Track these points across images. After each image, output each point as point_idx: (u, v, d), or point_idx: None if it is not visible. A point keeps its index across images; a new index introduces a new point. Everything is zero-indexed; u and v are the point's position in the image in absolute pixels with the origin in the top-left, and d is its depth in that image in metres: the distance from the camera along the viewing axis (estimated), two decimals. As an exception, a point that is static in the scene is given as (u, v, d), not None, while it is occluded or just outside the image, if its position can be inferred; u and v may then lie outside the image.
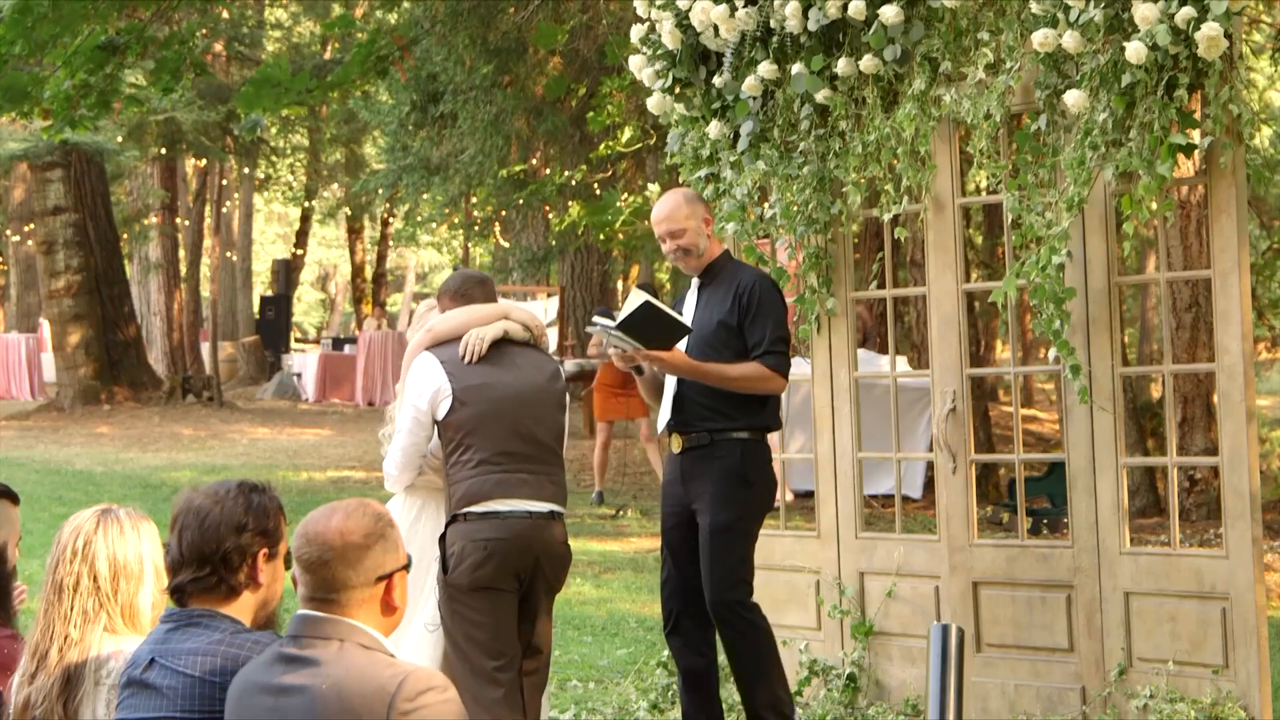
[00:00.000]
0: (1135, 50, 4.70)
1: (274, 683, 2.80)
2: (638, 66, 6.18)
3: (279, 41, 26.63)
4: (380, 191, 22.79)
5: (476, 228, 23.43)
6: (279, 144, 28.58)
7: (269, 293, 33.17)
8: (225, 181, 27.89)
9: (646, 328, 4.80)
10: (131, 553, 3.26)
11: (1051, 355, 5.31)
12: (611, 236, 14.46)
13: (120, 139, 19.94)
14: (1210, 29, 4.61)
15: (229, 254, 31.92)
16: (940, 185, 5.60)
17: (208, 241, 27.55)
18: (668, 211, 5.15)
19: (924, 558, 5.70)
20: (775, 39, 5.72)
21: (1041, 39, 4.97)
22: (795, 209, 5.80)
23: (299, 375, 24.70)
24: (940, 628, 2.98)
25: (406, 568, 2.94)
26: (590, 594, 8.74)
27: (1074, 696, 5.30)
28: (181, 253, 25.09)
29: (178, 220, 24.65)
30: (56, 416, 19.59)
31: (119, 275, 21.14)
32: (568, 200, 14.89)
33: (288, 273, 33.15)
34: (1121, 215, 5.26)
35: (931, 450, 5.74)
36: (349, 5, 21.42)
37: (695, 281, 5.22)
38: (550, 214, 16.02)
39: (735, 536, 4.94)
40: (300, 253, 37.41)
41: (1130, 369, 7.38)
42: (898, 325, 8.32)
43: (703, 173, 6.05)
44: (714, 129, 5.94)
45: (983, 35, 5.31)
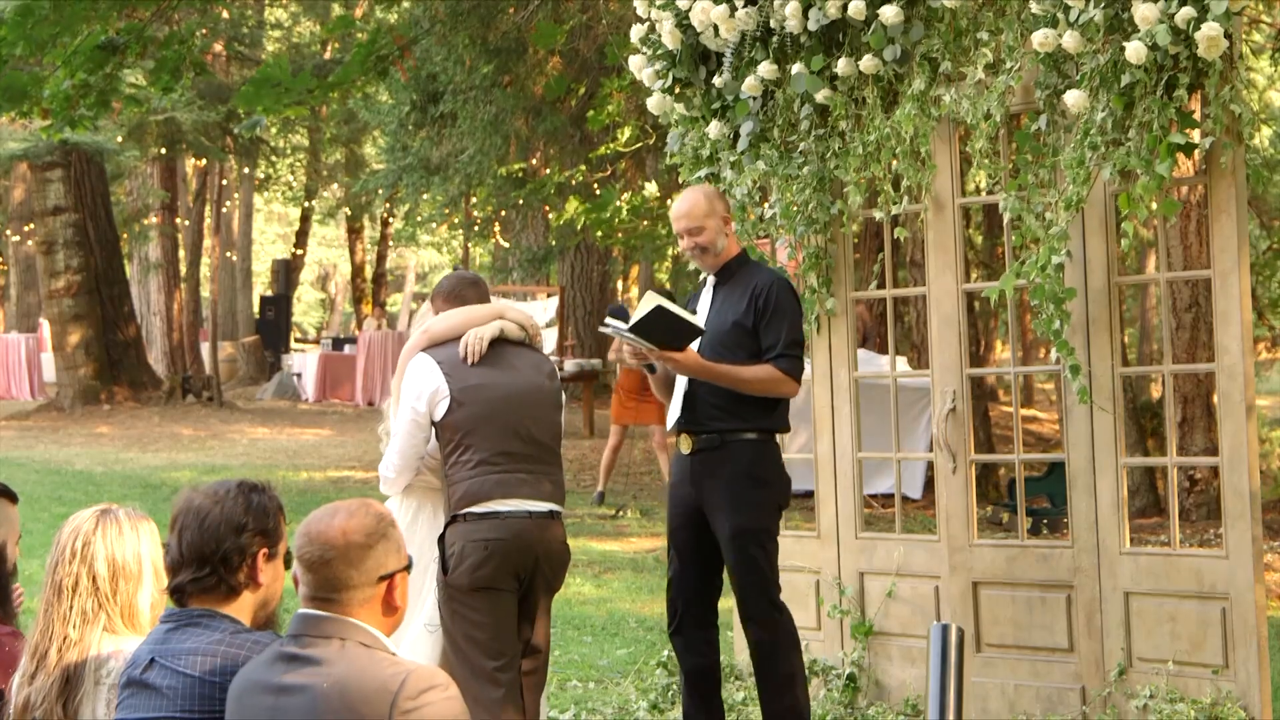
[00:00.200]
0: (1135, 50, 4.70)
1: (275, 681, 2.80)
2: (638, 66, 6.18)
3: (279, 41, 26.63)
4: (380, 191, 22.80)
5: (476, 228, 23.43)
6: (279, 144, 28.58)
7: (269, 293, 33.17)
8: (225, 181, 27.89)
9: (659, 329, 4.79)
10: (130, 553, 3.25)
11: (1053, 356, 5.31)
12: (610, 234, 14.45)
13: (120, 139, 19.93)
14: (1210, 29, 4.62)
15: (229, 254, 31.92)
16: (940, 185, 5.60)
17: (208, 241, 27.55)
18: (687, 208, 5.09)
19: (924, 558, 5.70)
20: (775, 39, 5.72)
21: (1041, 39, 4.97)
22: (795, 209, 5.80)
23: (299, 375, 24.69)
24: (940, 628, 2.98)
25: (408, 568, 2.94)
26: (590, 594, 8.74)
27: (1074, 696, 5.30)
28: (181, 253, 25.09)
29: (178, 220, 24.65)
30: (56, 416, 19.59)
31: (119, 275, 21.14)
32: (567, 199, 14.89)
33: (288, 273, 33.15)
34: (1121, 215, 5.26)
35: (931, 450, 5.74)
36: (349, 5, 21.43)
37: (711, 279, 5.17)
38: (550, 213, 16.02)
39: (756, 538, 4.90)
40: (300, 253, 37.41)
41: (1130, 369, 7.38)
42: (898, 325, 8.32)
43: (703, 173, 6.05)
44: (714, 129, 5.94)
45: (982, 35, 5.31)
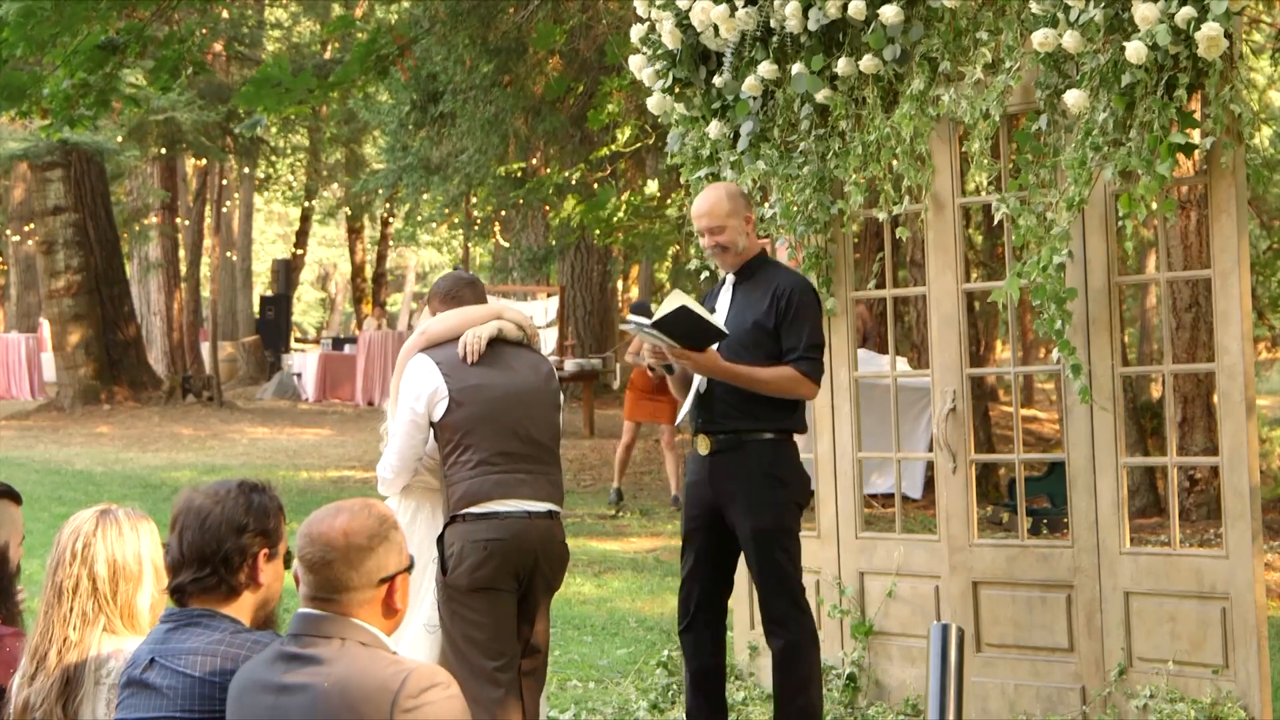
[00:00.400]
0: (1135, 50, 4.70)
1: (275, 681, 2.80)
2: (638, 66, 6.18)
3: (279, 41, 26.62)
4: (380, 191, 22.79)
5: (476, 227, 23.43)
6: (279, 144, 28.57)
7: (269, 293, 33.17)
8: (225, 181, 27.90)
9: (681, 328, 4.79)
10: (130, 553, 3.25)
11: (1054, 355, 5.31)
12: (609, 232, 14.43)
13: (120, 139, 19.93)
14: (1210, 29, 4.62)
15: (229, 254, 31.92)
16: (940, 185, 5.60)
17: (208, 241, 27.55)
18: (708, 207, 5.06)
19: (924, 558, 5.70)
20: (775, 39, 5.72)
21: (1041, 39, 4.97)
22: (795, 209, 5.80)
23: (299, 375, 24.69)
24: (940, 628, 2.98)
25: (409, 569, 2.94)
26: (590, 594, 8.74)
27: (1074, 696, 5.30)
28: (181, 253, 25.09)
29: (178, 220, 24.65)
30: (56, 416, 19.59)
31: (119, 275, 21.14)
32: (566, 198, 14.88)
33: (288, 273, 33.16)
34: (1122, 215, 5.25)
35: (931, 450, 5.74)
36: (349, 5, 21.42)
37: (730, 278, 5.15)
38: (550, 213, 16.02)
39: (778, 539, 4.90)
40: (300, 253, 37.40)
41: (1130, 369, 7.37)
42: (898, 325, 8.31)
43: (703, 173, 6.05)
44: (714, 129, 5.94)
45: (982, 35, 5.31)
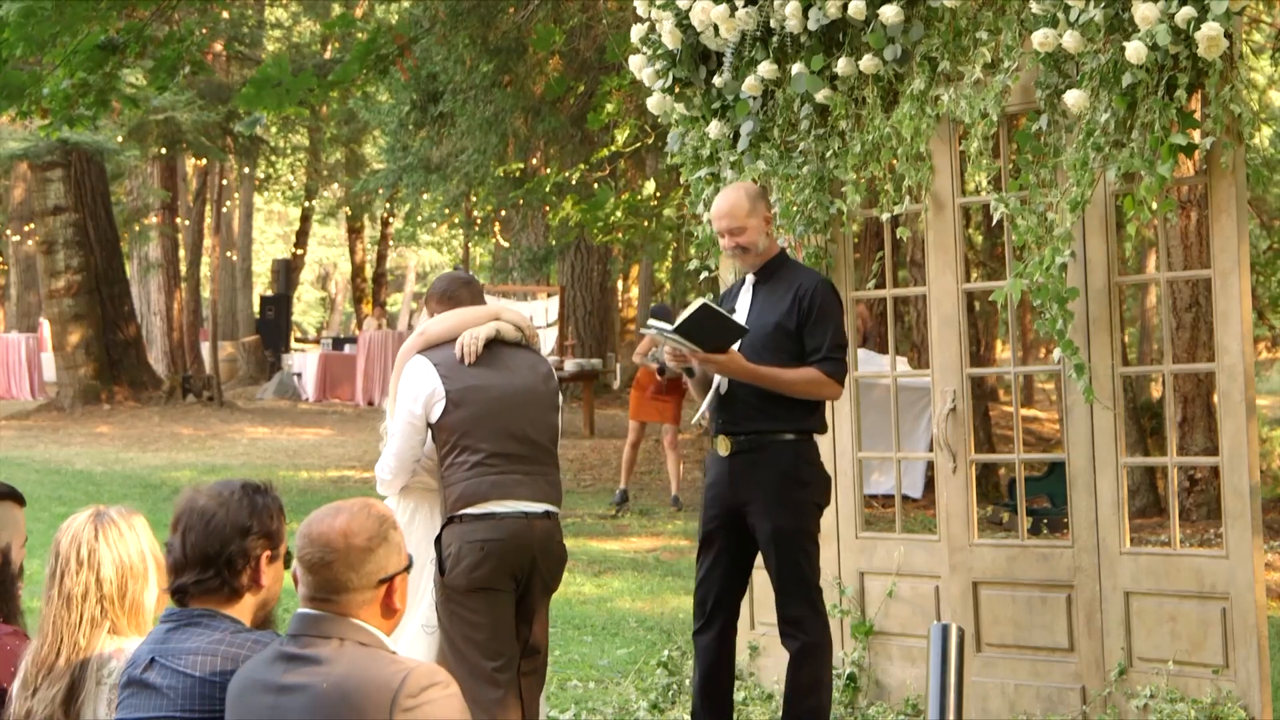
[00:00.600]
0: (1135, 50, 4.70)
1: (275, 681, 2.80)
2: (638, 66, 6.18)
3: (279, 41, 26.63)
4: (380, 191, 22.79)
5: (476, 228, 23.43)
6: (279, 144, 28.57)
7: (269, 292, 33.16)
8: (225, 181, 27.90)
9: (703, 330, 4.79)
10: (134, 551, 3.26)
11: (1055, 355, 5.31)
12: (607, 230, 14.41)
13: (120, 139, 19.93)
14: (1210, 29, 4.62)
15: (229, 254, 31.92)
16: (940, 185, 5.60)
17: (208, 241, 27.55)
18: (728, 208, 5.04)
19: (924, 558, 5.70)
20: (775, 39, 5.72)
21: (1041, 39, 4.97)
22: (795, 209, 5.80)
23: (299, 375, 24.69)
24: (940, 628, 2.98)
25: (408, 569, 2.94)
26: (590, 594, 8.74)
27: (1074, 696, 5.30)
28: (181, 253, 25.08)
29: (178, 220, 24.65)
30: (56, 416, 19.59)
31: (119, 275, 21.14)
32: (565, 198, 14.87)
33: (288, 272, 33.15)
34: (1123, 215, 5.26)
35: (931, 450, 5.74)
36: (349, 5, 21.42)
37: (750, 278, 5.13)
38: (549, 212, 16.02)
39: (797, 540, 4.90)
40: (300, 252, 37.39)
41: (1130, 369, 7.38)
42: (898, 325, 8.31)
43: (703, 172, 6.05)
44: (714, 129, 5.94)
45: (982, 35, 5.31)
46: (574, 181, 14.28)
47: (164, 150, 21.67)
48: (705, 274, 6.39)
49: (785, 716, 4.96)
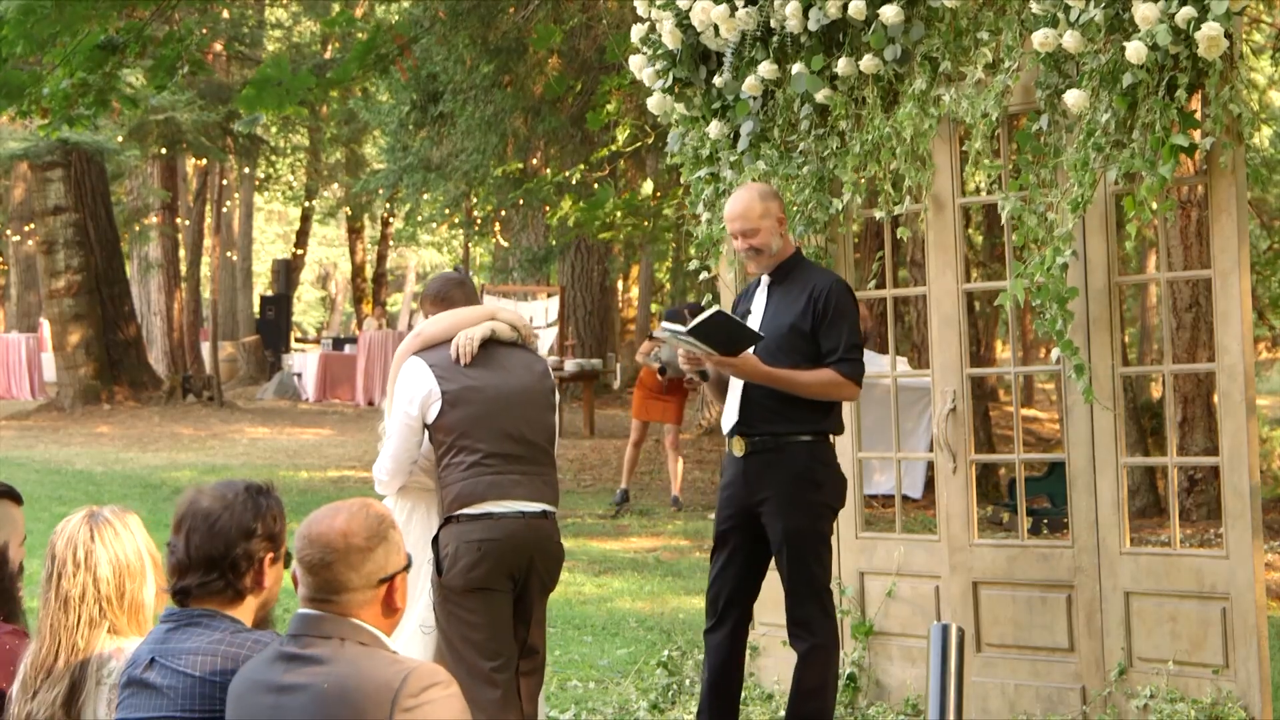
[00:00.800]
0: (1135, 50, 4.70)
1: (276, 681, 2.80)
2: (638, 66, 6.18)
3: (279, 41, 26.62)
4: (380, 191, 22.78)
5: (476, 228, 23.42)
6: (279, 144, 28.56)
7: (269, 292, 33.15)
8: (225, 181, 27.89)
9: (717, 334, 4.79)
10: (131, 550, 3.26)
11: (1054, 355, 5.31)
12: (607, 228, 14.40)
13: (120, 139, 19.93)
14: (1210, 29, 4.62)
15: (229, 254, 31.92)
16: (940, 185, 5.60)
17: (208, 241, 27.55)
18: (741, 209, 5.02)
19: (924, 558, 5.70)
20: (775, 39, 5.72)
21: (1042, 39, 4.97)
22: (795, 209, 5.80)
23: (299, 375, 24.69)
24: (940, 628, 2.98)
25: (407, 568, 2.94)
26: (590, 594, 8.74)
27: (1074, 696, 5.30)
28: (181, 253, 25.09)
29: (178, 220, 24.65)
30: (56, 416, 19.59)
31: (119, 275, 21.14)
32: (564, 197, 14.87)
33: (288, 272, 33.14)
34: (1124, 215, 5.26)
35: (931, 450, 5.74)
36: (349, 4, 21.42)
37: (764, 279, 5.12)
38: (548, 212, 16.01)
39: (809, 542, 4.89)
40: (300, 252, 37.39)
41: (1130, 369, 7.38)
42: (898, 325, 8.31)
43: (703, 172, 6.05)
44: (714, 129, 5.94)
45: (983, 35, 5.31)
46: (574, 181, 14.28)
47: (164, 150, 21.67)
48: (704, 274, 6.38)
49: (788, 717, 4.96)
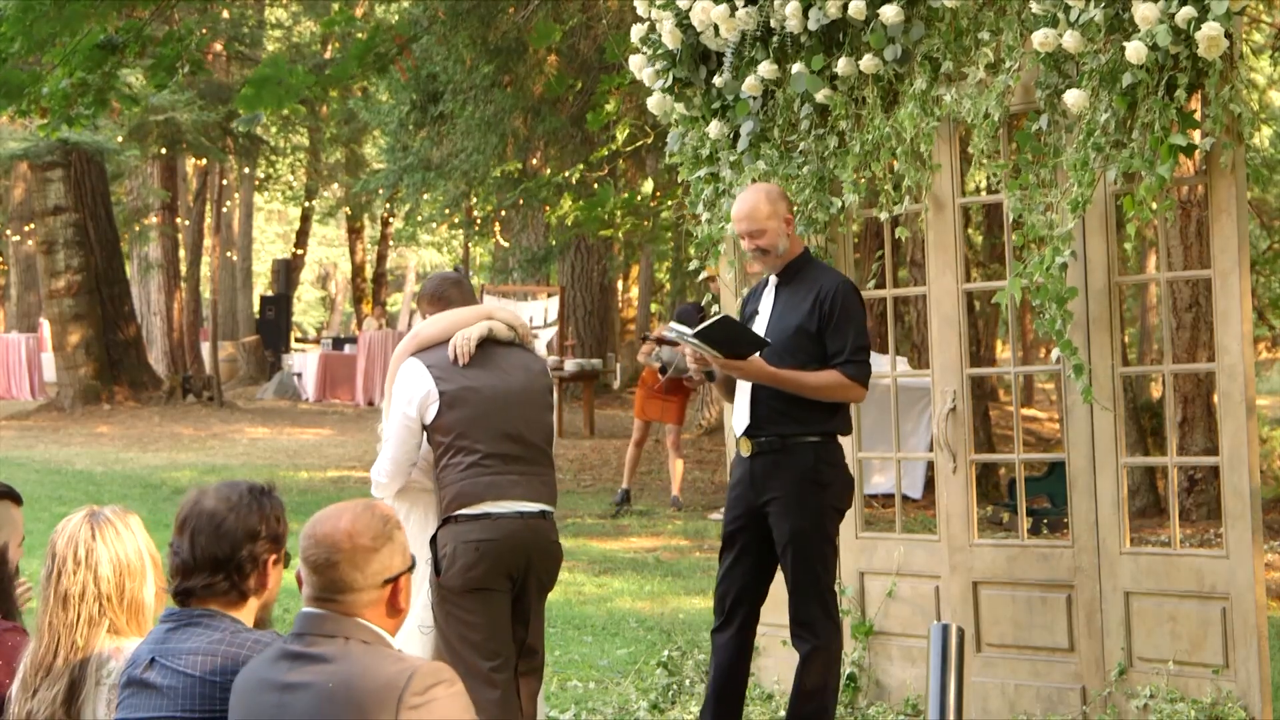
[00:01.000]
0: (1135, 50, 4.70)
1: (279, 680, 2.80)
2: (638, 66, 6.18)
3: (279, 41, 26.62)
4: (380, 191, 22.78)
5: (476, 228, 23.42)
6: (279, 144, 28.56)
7: (269, 292, 33.15)
8: (225, 181, 27.89)
9: (723, 339, 4.81)
10: (132, 550, 3.26)
11: (1054, 355, 5.31)
12: (606, 225, 14.38)
13: (120, 139, 19.93)
14: (1210, 29, 4.62)
15: (229, 254, 31.92)
16: (940, 185, 5.60)
17: (208, 241, 27.54)
18: (748, 210, 5.01)
19: (924, 558, 5.70)
20: (775, 39, 5.72)
21: (1042, 39, 4.97)
22: (795, 209, 5.79)
23: (299, 375, 24.68)
24: (940, 628, 2.98)
25: (411, 569, 2.94)
26: (590, 594, 8.74)
27: (1074, 696, 5.30)
28: (181, 253, 25.08)
29: (178, 220, 24.64)
30: (56, 416, 19.58)
31: (119, 275, 21.14)
32: (564, 197, 14.86)
33: (288, 272, 33.14)
34: (1124, 215, 5.26)
35: (931, 450, 5.74)
36: (349, 3, 21.42)
37: (773, 279, 5.12)
38: (549, 213, 16.01)
39: (814, 543, 4.88)
40: (300, 252, 37.39)
41: (1130, 369, 7.38)
42: (898, 325, 8.31)
43: (703, 172, 6.05)
44: (714, 129, 5.94)
45: (983, 35, 5.31)
46: (574, 181, 14.28)
47: (164, 150, 21.67)
48: (703, 274, 6.39)
49: (788, 717, 4.95)
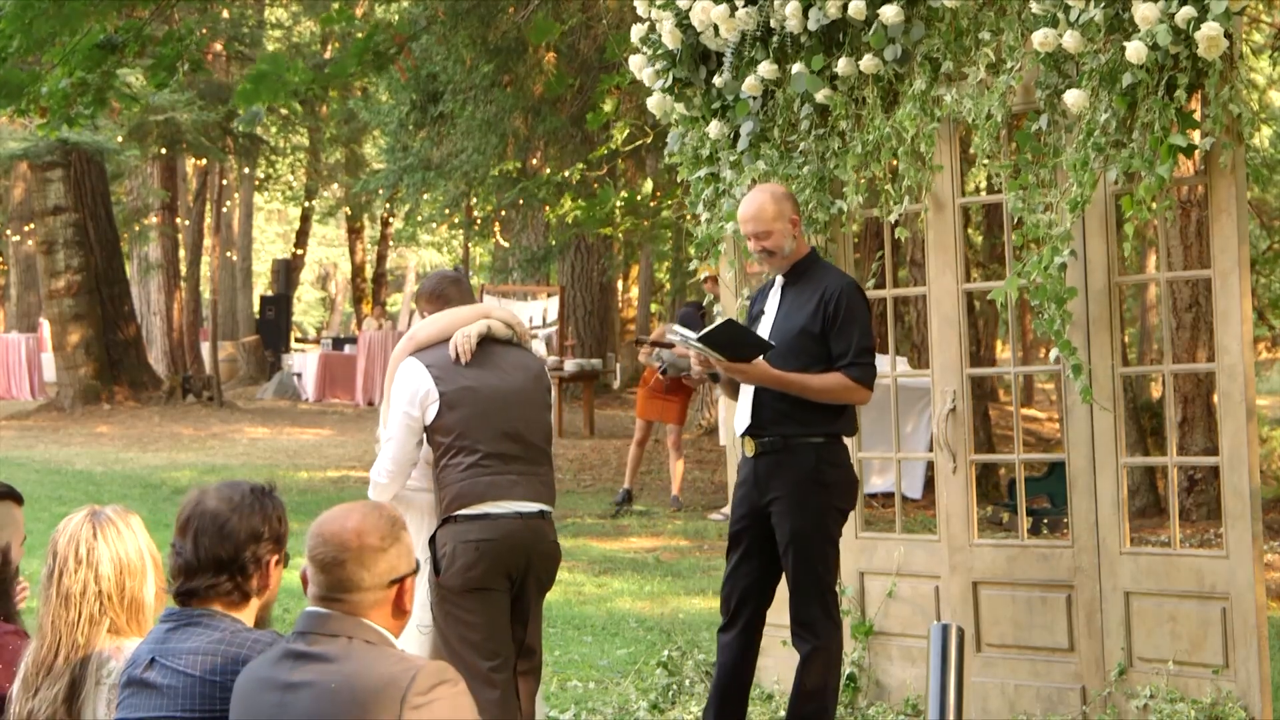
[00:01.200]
0: (1135, 50, 4.71)
1: (282, 679, 2.80)
2: (638, 66, 6.18)
3: (279, 41, 26.62)
4: (380, 191, 22.79)
5: (476, 228, 23.43)
6: (279, 144, 28.56)
7: (269, 292, 33.15)
8: (225, 181, 27.88)
9: (727, 343, 4.81)
10: (132, 550, 3.27)
11: (1053, 355, 5.31)
12: (605, 223, 14.39)
13: (120, 139, 19.92)
14: (1210, 29, 4.62)
15: (229, 254, 31.91)
16: (940, 185, 5.60)
17: (208, 241, 27.53)
18: (753, 212, 5.01)
19: (924, 558, 5.70)
20: (775, 39, 5.72)
21: (1042, 39, 4.97)
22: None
23: (299, 375, 24.68)
24: (940, 628, 2.98)
25: (415, 572, 2.94)
26: (590, 594, 8.74)
27: (1074, 696, 5.30)
28: (181, 253, 25.07)
29: (178, 220, 24.64)
30: (56, 416, 19.58)
31: (119, 275, 21.13)
32: (563, 196, 14.87)
33: (288, 272, 33.14)
34: (1123, 215, 5.26)
35: (931, 450, 5.74)
36: (349, 2, 21.42)
37: (780, 279, 5.12)
38: (549, 211, 16.02)
39: (815, 543, 4.88)
40: (300, 252, 37.38)
41: (1130, 369, 7.38)
42: (898, 325, 8.31)
43: (702, 172, 6.05)
44: (714, 129, 5.94)
45: (983, 35, 5.31)
46: (574, 181, 14.28)
47: (164, 150, 21.66)
48: (703, 274, 6.39)
49: (788, 717, 4.95)
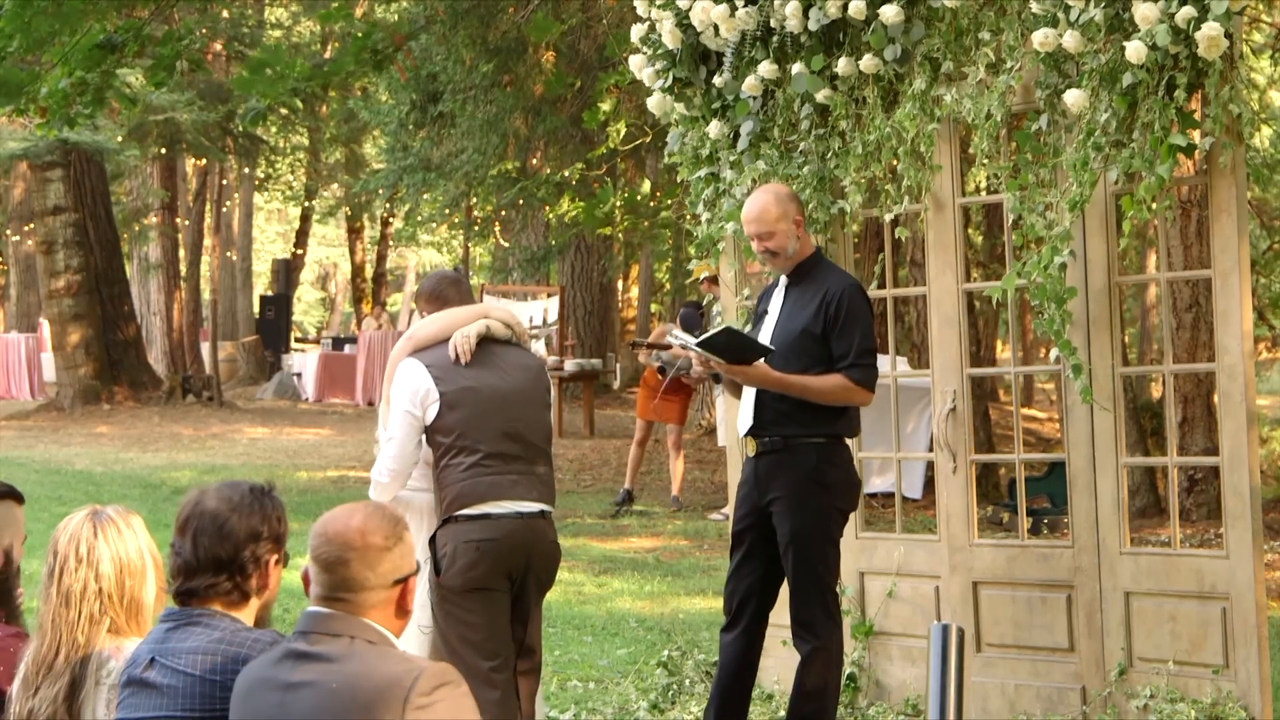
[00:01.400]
0: (1135, 50, 4.71)
1: (283, 679, 2.79)
2: (638, 66, 6.18)
3: (279, 41, 26.61)
4: (380, 191, 22.79)
5: (476, 228, 23.43)
6: (279, 144, 28.56)
7: (269, 292, 33.14)
8: (225, 181, 27.88)
9: (727, 347, 4.82)
10: (133, 549, 3.27)
11: (1053, 355, 5.31)
12: (605, 223, 14.39)
13: (120, 139, 19.92)
14: (1210, 29, 4.62)
15: (229, 254, 31.91)
16: (940, 185, 5.60)
17: (208, 241, 27.54)
18: (757, 212, 5.00)
19: (924, 558, 5.70)
20: (775, 39, 5.72)
21: (1042, 39, 4.97)
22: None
23: (299, 375, 24.68)
24: (940, 628, 2.98)
25: (416, 573, 2.95)
26: (590, 594, 8.74)
27: (1074, 696, 5.30)
28: (181, 253, 25.06)
29: (178, 220, 24.64)
30: (56, 416, 19.58)
31: (119, 275, 21.13)
32: (563, 195, 14.87)
33: (288, 272, 33.14)
34: (1123, 215, 5.26)
35: (931, 450, 5.74)
36: (349, 2, 21.42)
37: (784, 279, 5.11)
38: (549, 211, 16.02)
39: (815, 543, 4.88)
40: (300, 252, 37.39)
41: (1130, 369, 7.37)
42: (898, 325, 8.31)
43: (703, 172, 6.05)
44: (714, 129, 5.94)
45: (983, 35, 5.31)
46: (574, 181, 14.28)
47: (164, 150, 21.65)
48: (703, 274, 6.39)
49: (788, 717, 4.95)
